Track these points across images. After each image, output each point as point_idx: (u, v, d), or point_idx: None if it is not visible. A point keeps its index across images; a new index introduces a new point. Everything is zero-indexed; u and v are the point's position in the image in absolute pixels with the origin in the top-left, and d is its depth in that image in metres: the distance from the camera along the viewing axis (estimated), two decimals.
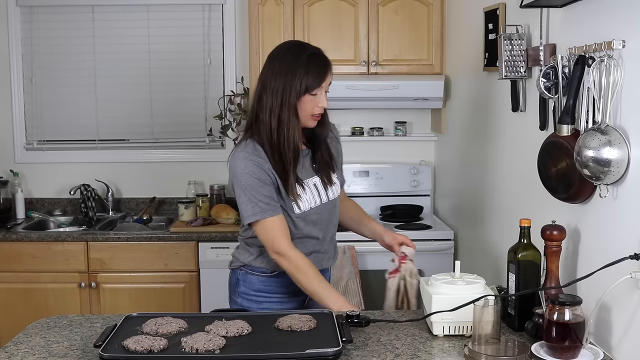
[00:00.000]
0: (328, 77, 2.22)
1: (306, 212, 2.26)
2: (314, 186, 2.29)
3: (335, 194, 2.35)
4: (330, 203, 2.33)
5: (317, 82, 2.17)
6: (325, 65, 2.22)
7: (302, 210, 2.25)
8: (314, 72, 2.18)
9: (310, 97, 2.18)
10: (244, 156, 2.18)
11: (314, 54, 2.22)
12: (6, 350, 1.90)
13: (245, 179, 2.16)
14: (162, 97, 4.16)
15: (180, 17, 4.13)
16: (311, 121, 2.22)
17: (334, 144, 2.40)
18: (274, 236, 2.17)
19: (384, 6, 3.76)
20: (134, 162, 4.20)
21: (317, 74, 2.18)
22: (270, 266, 2.30)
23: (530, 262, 2.03)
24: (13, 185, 4.08)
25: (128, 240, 3.62)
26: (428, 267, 3.49)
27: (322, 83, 2.19)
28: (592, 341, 1.88)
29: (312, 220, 2.28)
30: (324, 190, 2.31)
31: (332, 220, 2.37)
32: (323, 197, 2.30)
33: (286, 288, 2.31)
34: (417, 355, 1.85)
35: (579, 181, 1.95)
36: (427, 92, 3.74)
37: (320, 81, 2.19)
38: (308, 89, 2.16)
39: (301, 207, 2.24)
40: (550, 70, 2.12)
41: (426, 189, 4.11)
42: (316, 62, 2.20)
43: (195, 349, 1.76)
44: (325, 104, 2.22)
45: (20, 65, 4.14)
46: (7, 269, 3.62)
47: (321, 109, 2.21)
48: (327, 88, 2.23)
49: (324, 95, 2.21)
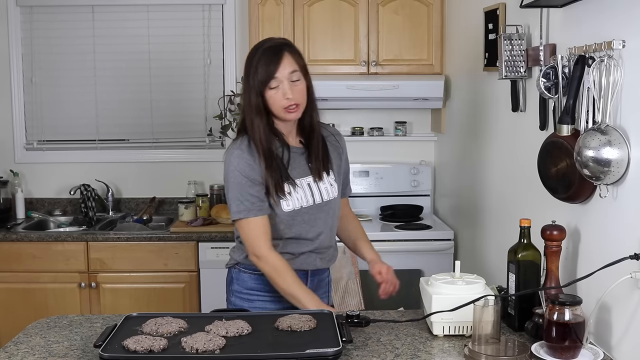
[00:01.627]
0: (282, 67, 2.13)
1: (296, 210, 2.23)
2: (307, 186, 2.26)
3: (331, 195, 2.31)
4: (325, 204, 2.29)
5: (268, 74, 2.12)
6: (276, 55, 2.14)
7: (291, 208, 2.22)
8: (263, 65, 2.13)
9: (273, 91, 2.14)
10: (237, 153, 2.19)
11: (267, 47, 2.17)
12: (6, 350, 1.90)
13: (236, 176, 2.18)
14: (162, 97, 4.16)
15: (180, 17, 4.12)
16: (287, 114, 2.17)
17: (337, 150, 2.37)
18: (254, 237, 2.18)
19: (384, 6, 3.76)
20: (134, 162, 4.19)
21: (268, 66, 2.13)
22: None
23: (530, 262, 2.03)
24: (13, 185, 4.08)
25: (128, 240, 3.62)
26: (428, 267, 3.50)
27: (275, 74, 2.13)
28: (592, 341, 1.88)
29: (303, 220, 2.25)
30: (317, 191, 2.28)
31: (328, 222, 2.32)
32: (317, 197, 2.27)
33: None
34: (417, 355, 1.85)
35: (579, 181, 1.95)
36: (427, 92, 3.74)
37: (272, 72, 2.13)
38: (263, 83, 2.13)
39: (290, 204, 2.22)
40: (550, 70, 2.13)
41: (426, 189, 4.11)
42: (267, 54, 2.14)
43: (195, 349, 1.76)
44: (289, 94, 2.13)
45: (20, 65, 4.13)
46: (7, 269, 3.62)
47: (290, 100, 2.15)
48: (291, 77, 2.14)
49: (287, 85, 2.14)
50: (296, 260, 2.27)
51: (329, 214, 2.31)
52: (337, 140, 2.39)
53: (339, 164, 2.37)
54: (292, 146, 2.26)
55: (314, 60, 3.77)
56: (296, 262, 2.27)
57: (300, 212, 2.24)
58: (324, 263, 2.36)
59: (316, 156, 2.27)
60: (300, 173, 2.26)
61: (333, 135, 2.38)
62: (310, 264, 2.31)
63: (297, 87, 2.16)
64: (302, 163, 2.27)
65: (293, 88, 2.15)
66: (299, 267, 2.28)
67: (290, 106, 2.16)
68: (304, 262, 2.29)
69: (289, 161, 2.23)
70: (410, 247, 3.56)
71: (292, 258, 2.27)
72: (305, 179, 2.26)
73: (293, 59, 2.16)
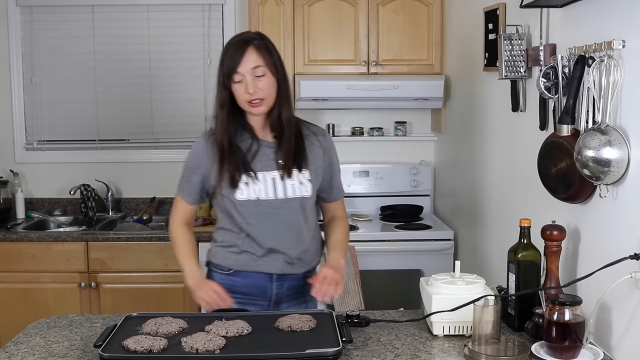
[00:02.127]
0: (244, 62, 2.13)
1: (252, 201, 2.20)
2: (271, 180, 2.21)
3: (297, 193, 2.22)
4: (288, 201, 2.22)
5: (230, 68, 2.14)
6: (240, 50, 2.14)
7: (245, 198, 2.19)
8: (228, 59, 2.15)
9: (237, 85, 2.15)
10: (197, 142, 2.31)
11: (235, 42, 2.18)
12: (6, 350, 1.90)
13: (186, 160, 2.32)
14: (162, 97, 4.16)
15: (180, 17, 4.12)
16: (251, 108, 2.17)
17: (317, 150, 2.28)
18: (174, 212, 2.36)
19: (384, 6, 3.76)
20: (134, 162, 4.19)
21: (231, 60, 2.14)
22: (225, 263, 2.28)
23: (530, 262, 2.03)
24: (13, 185, 4.08)
25: (128, 240, 3.62)
26: (428, 267, 3.50)
27: (237, 68, 2.13)
28: (592, 341, 1.88)
29: (260, 212, 2.21)
30: (282, 186, 2.22)
31: (293, 221, 2.24)
32: (279, 192, 2.21)
33: (245, 289, 2.26)
34: (417, 355, 1.85)
35: (579, 181, 1.95)
36: (427, 92, 3.74)
37: (234, 66, 2.13)
38: (227, 77, 2.15)
39: (244, 194, 2.19)
40: (550, 70, 2.13)
41: (426, 189, 4.11)
42: (232, 48, 2.16)
43: (195, 349, 1.76)
44: (250, 89, 2.13)
45: (20, 65, 4.13)
46: (7, 269, 3.61)
47: (251, 95, 2.14)
48: (255, 72, 2.14)
49: (250, 79, 2.13)
50: (259, 261, 2.24)
51: (293, 212, 2.24)
52: (320, 140, 2.30)
53: (318, 164, 2.28)
54: (263, 140, 2.24)
55: (314, 60, 3.78)
56: (258, 264, 2.24)
57: (256, 204, 2.21)
58: (292, 268, 2.27)
59: (287, 152, 2.22)
60: (266, 167, 2.22)
61: (315, 135, 2.30)
62: (273, 266, 2.25)
63: (261, 82, 2.15)
64: (271, 157, 2.23)
65: (256, 83, 2.14)
66: (261, 269, 2.25)
67: (254, 100, 2.16)
68: (266, 264, 2.25)
69: (256, 154, 2.22)
70: (410, 247, 3.56)
71: (255, 259, 2.24)
72: (270, 173, 2.22)
73: (258, 54, 2.15)
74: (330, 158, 2.33)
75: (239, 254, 2.26)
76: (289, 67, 3.77)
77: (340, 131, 4.17)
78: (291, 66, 3.77)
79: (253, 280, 2.26)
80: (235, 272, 2.27)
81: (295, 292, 2.30)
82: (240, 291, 2.25)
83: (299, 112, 4.02)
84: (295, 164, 2.22)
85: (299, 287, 2.30)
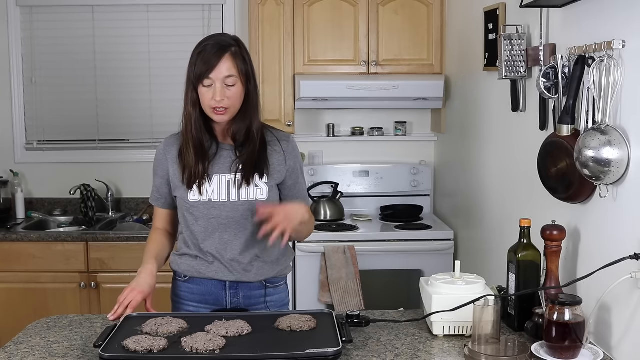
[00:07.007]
0: (218, 69, 2.08)
1: (203, 202, 2.16)
2: (226, 183, 2.17)
3: (252, 197, 2.16)
4: (242, 204, 2.16)
5: (202, 73, 2.08)
6: (217, 55, 2.08)
7: (197, 199, 2.16)
8: (202, 62, 2.09)
9: (205, 89, 2.10)
10: (162, 143, 2.32)
11: (212, 45, 2.11)
12: (6, 350, 1.90)
13: (153, 164, 2.32)
14: (162, 97, 4.16)
15: (180, 17, 4.12)
16: (214, 115, 2.12)
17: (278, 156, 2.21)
18: (154, 221, 2.38)
19: (384, 6, 3.76)
20: (134, 162, 4.19)
21: (205, 64, 2.08)
22: (180, 269, 2.25)
23: (530, 262, 2.03)
24: (13, 185, 4.08)
25: (128, 240, 3.62)
26: (428, 267, 3.50)
27: (210, 74, 2.07)
28: (592, 341, 1.88)
29: (211, 215, 2.16)
30: (235, 190, 2.16)
31: (247, 226, 2.17)
32: (232, 195, 2.16)
33: (200, 296, 2.22)
34: (417, 355, 1.85)
35: (579, 181, 1.95)
36: (427, 92, 3.74)
37: (207, 71, 2.07)
38: (198, 79, 2.10)
39: (196, 195, 2.16)
40: (550, 70, 2.13)
41: (426, 189, 4.11)
42: (209, 51, 2.10)
43: (195, 349, 1.76)
44: (217, 97, 2.07)
45: (20, 65, 4.13)
46: (7, 269, 3.61)
47: (217, 102, 2.08)
48: (227, 81, 2.08)
49: (220, 87, 2.08)
50: (210, 267, 2.20)
51: (245, 215, 2.17)
52: (282, 146, 2.22)
53: (278, 169, 2.21)
54: (222, 143, 2.21)
55: (314, 60, 3.78)
56: (210, 270, 2.20)
57: (208, 206, 2.16)
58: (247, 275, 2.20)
59: (248, 156, 2.17)
60: (222, 169, 2.18)
61: (278, 141, 2.23)
62: (224, 273, 2.19)
63: (230, 91, 2.10)
64: (228, 160, 2.19)
65: (225, 91, 2.09)
66: (213, 276, 2.20)
67: (218, 108, 2.11)
68: (219, 271, 2.19)
69: (214, 156, 2.19)
70: (410, 247, 3.57)
71: (207, 265, 2.20)
72: (225, 176, 2.17)
73: (234, 63, 2.09)
74: (293, 164, 2.25)
75: (194, 259, 2.22)
76: (289, 67, 3.78)
77: (340, 131, 4.17)
78: (291, 66, 3.77)
79: (206, 287, 2.21)
80: (190, 278, 2.24)
81: (254, 303, 2.22)
82: (196, 299, 2.23)
83: (299, 112, 4.05)
84: (255, 169, 2.17)
85: (259, 296, 2.23)
